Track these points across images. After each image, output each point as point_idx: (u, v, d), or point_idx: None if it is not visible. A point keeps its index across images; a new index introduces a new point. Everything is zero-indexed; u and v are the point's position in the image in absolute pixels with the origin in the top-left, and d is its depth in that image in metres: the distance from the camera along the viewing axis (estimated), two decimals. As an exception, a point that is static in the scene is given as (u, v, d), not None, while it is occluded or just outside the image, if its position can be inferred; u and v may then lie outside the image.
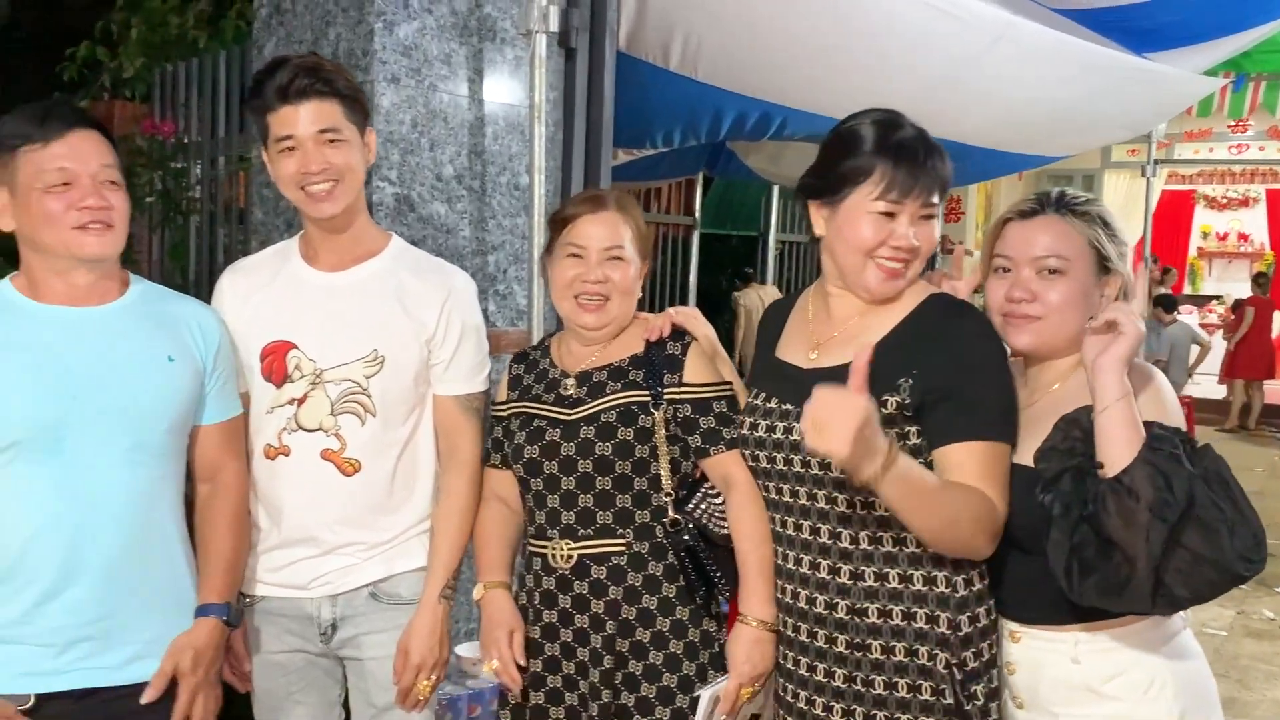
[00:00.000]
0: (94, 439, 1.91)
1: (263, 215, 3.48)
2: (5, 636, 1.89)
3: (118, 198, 1.97)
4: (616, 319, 2.16)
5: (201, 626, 2.03)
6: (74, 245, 1.93)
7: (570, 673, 2.10)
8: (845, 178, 1.89)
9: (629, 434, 2.07)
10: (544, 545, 2.12)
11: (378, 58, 3.03)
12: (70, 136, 1.93)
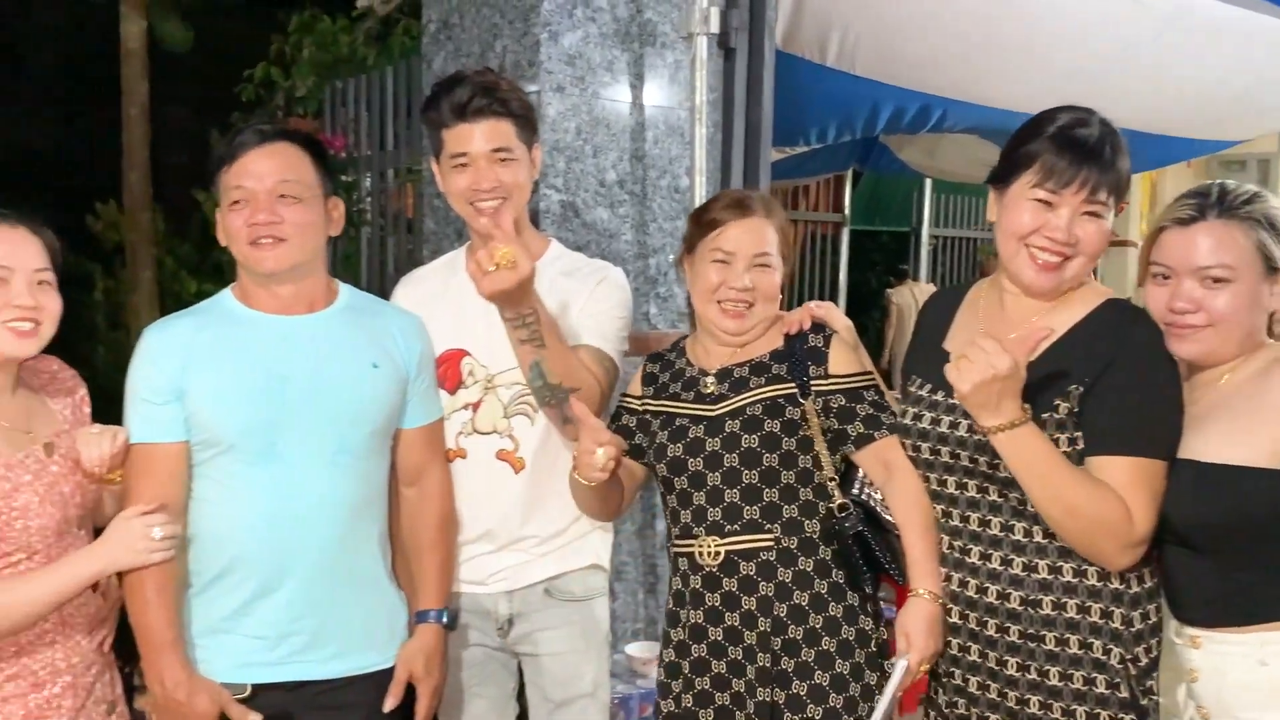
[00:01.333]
0: (303, 443, 2.00)
1: (434, 225, 3.60)
2: (223, 628, 2.01)
3: (293, 212, 2.00)
4: (759, 324, 2.16)
5: (426, 632, 2.11)
6: (251, 260, 2.03)
7: (722, 672, 2.09)
8: (1014, 163, 1.89)
9: (775, 426, 2.07)
10: (690, 544, 2.12)
11: (544, 68, 3.10)
12: (251, 155, 2.00)
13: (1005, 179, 1.90)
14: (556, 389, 2.04)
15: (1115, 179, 1.84)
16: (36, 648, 1.87)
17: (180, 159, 7.46)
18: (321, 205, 2.08)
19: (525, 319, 1.96)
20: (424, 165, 3.73)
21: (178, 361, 1.99)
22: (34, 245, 1.90)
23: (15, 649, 1.85)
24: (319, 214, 2.07)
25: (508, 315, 1.96)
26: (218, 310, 2.10)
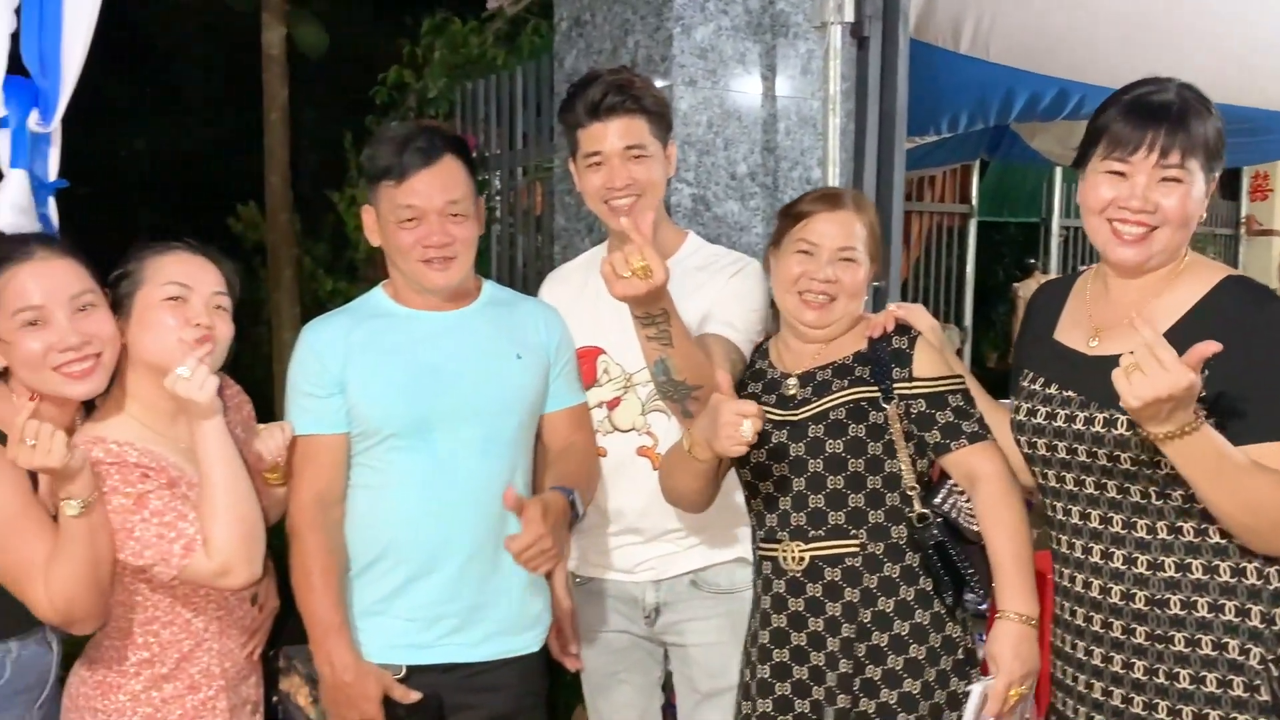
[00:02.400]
0: (455, 433, 2.07)
1: (564, 221, 3.65)
2: (378, 610, 2.08)
3: (462, 229, 2.08)
4: (840, 320, 2.12)
5: (552, 494, 2.05)
6: (421, 277, 2.10)
7: (804, 678, 2.06)
8: (1087, 141, 1.85)
9: (860, 430, 2.03)
10: (774, 548, 2.09)
11: (676, 62, 3.11)
12: (422, 175, 2.05)
13: (1082, 160, 1.87)
14: (680, 385, 2.05)
15: (1190, 141, 1.75)
16: (195, 655, 1.96)
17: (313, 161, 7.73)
18: (475, 213, 2.14)
19: (655, 319, 1.97)
20: (554, 163, 3.78)
21: (339, 356, 2.07)
22: (212, 271, 1.97)
23: (178, 655, 1.94)
24: (477, 224, 2.14)
25: (637, 313, 1.98)
26: (371, 307, 2.18)
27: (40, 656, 1.94)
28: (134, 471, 1.85)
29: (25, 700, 1.92)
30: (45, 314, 1.84)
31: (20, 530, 1.79)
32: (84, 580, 1.78)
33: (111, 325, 1.91)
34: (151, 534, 1.84)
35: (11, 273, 1.85)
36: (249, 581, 1.92)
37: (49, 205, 2.26)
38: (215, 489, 1.87)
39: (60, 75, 2.21)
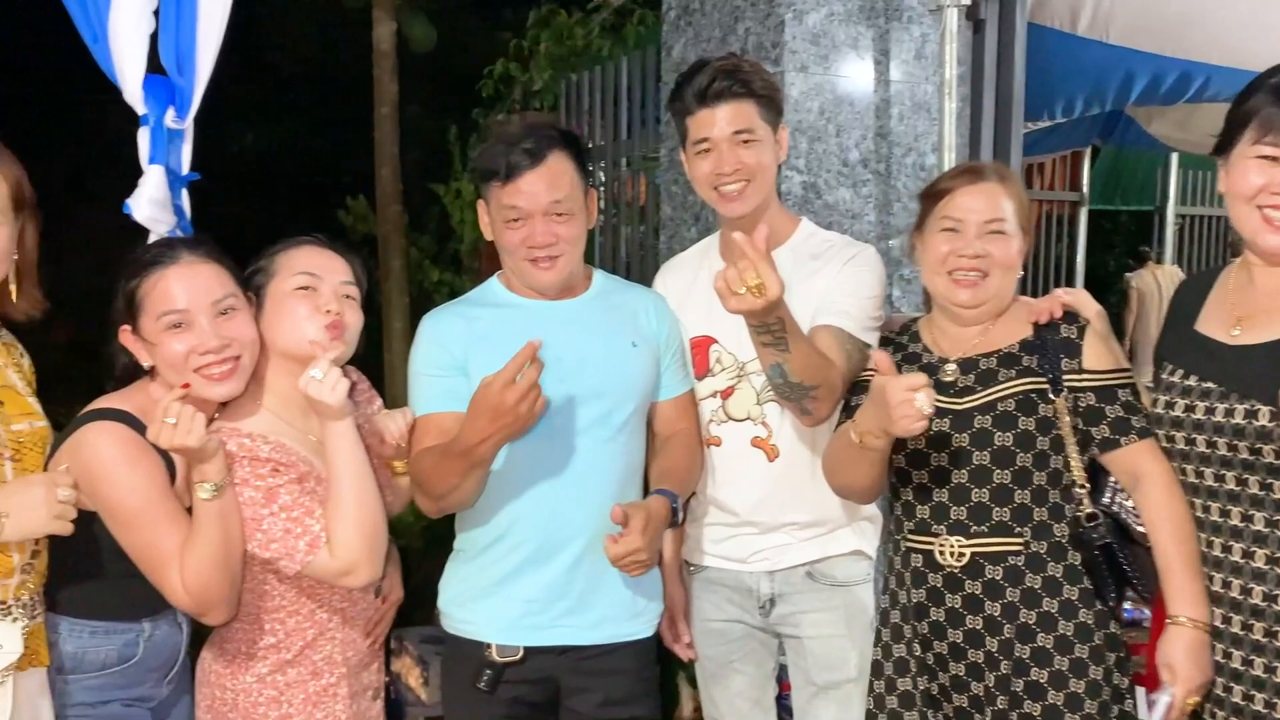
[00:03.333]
0: (574, 420, 2.10)
1: (670, 211, 3.65)
2: (496, 591, 2.12)
3: (566, 228, 2.10)
4: (995, 297, 2.04)
5: (655, 499, 2.08)
6: (527, 275, 2.13)
7: (960, 674, 2.02)
8: (1233, 125, 1.79)
9: (1030, 424, 1.97)
10: (928, 541, 2.04)
11: (788, 48, 3.08)
12: (527, 176, 2.07)
13: (1227, 145, 1.80)
14: (797, 386, 2.03)
15: None
16: (319, 643, 2.00)
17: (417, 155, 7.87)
18: (584, 208, 2.15)
19: (770, 327, 1.96)
20: (660, 153, 3.79)
21: (460, 342, 2.11)
22: (340, 263, 2.02)
23: (302, 643, 1.99)
24: (584, 219, 2.15)
25: (752, 323, 1.96)
26: (488, 297, 2.22)
27: (171, 636, 2.01)
28: (265, 465, 1.90)
29: (156, 676, 2.00)
30: (189, 317, 1.89)
31: (158, 518, 1.84)
32: (216, 565, 1.83)
33: (252, 329, 1.95)
34: (279, 528, 1.88)
35: (158, 276, 1.90)
36: (370, 581, 1.97)
37: (183, 198, 2.35)
38: (343, 490, 1.90)
39: (195, 74, 2.29)
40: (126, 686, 1.95)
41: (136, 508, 1.84)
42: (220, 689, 1.98)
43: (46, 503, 1.72)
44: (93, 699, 1.91)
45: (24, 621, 1.78)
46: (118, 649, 1.92)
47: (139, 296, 1.91)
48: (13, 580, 1.77)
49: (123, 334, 1.94)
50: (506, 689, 2.08)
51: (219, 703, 1.98)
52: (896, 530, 2.14)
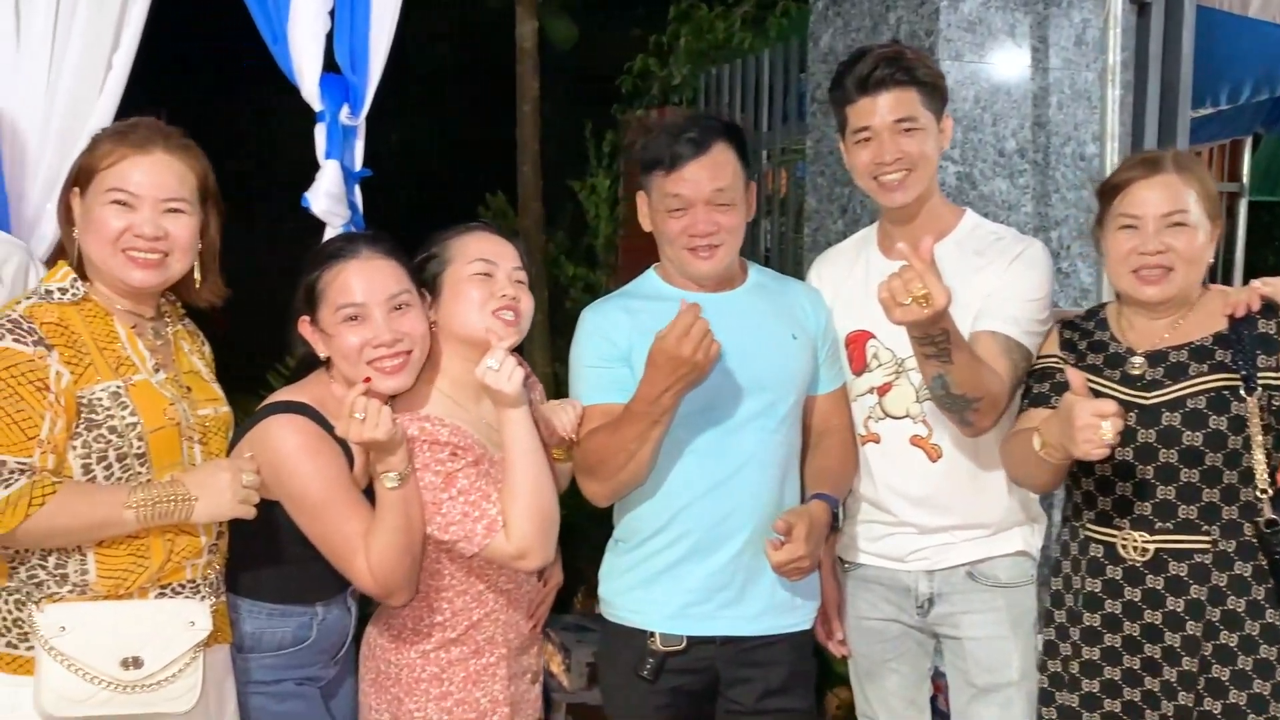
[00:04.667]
0: (737, 411, 2.10)
1: (816, 204, 3.62)
2: (659, 581, 2.13)
3: (727, 218, 2.11)
4: (1181, 291, 1.98)
5: (816, 505, 2.11)
6: (686, 264, 2.15)
7: (1135, 668, 1.97)
8: None
9: (1221, 423, 1.90)
10: (1110, 534, 2.00)
11: (942, 36, 3.03)
12: (691, 165, 2.09)
13: None
14: (959, 399, 1.99)
15: None
16: (483, 624, 2.05)
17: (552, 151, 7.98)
18: (744, 200, 2.16)
19: (934, 338, 1.92)
20: (806, 145, 3.76)
21: (624, 333, 2.13)
22: (510, 248, 2.07)
23: (467, 623, 2.03)
24: (744, 211, 2.16)
25: (915, 334, 1.94)
26: (646, 289, 2.24)
27: (341, 620, 2.09)
28: (444, 450, 1.94)
29: (326, 657, 2.08)
30: (365, 311, 1.94)
31: (341, 507, 1.90)
32: (400, 550, 1.88)
33: (423, 325, 1.99)
34: (457, 511, 1.93)
35: (339, 269, 1.97)
36: (543, 564, 2.02)
37: (355, 193, 2.44)
38: (519, 476, 1.94)
39: (367, 72, 2.38)
40: (300, 666, 2.03)
41: (320, 498, 1.90)
42: (385, 662, 2.04)
43: (232, 487, 1.79)
44: (269, 677, 2.00)
45: (211, 600, 1.87)
46: (293, 630, 2.01)
47: (319, 288, 1.98)
48: (200, 560, 1.86)
49: (301, 324, 2.01)
50: (668, 678, 2.09)
51: (383, 676, 2.04)
52: (1074, 517, 2.10)
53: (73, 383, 1.75)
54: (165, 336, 1.94)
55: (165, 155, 1.86)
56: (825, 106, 3.56)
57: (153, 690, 1.75)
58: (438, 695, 2.01)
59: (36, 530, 1.69)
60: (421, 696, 2.00)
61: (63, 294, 1.82)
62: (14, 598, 1.76)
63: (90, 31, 2.21)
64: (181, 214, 1.86)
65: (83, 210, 1.85)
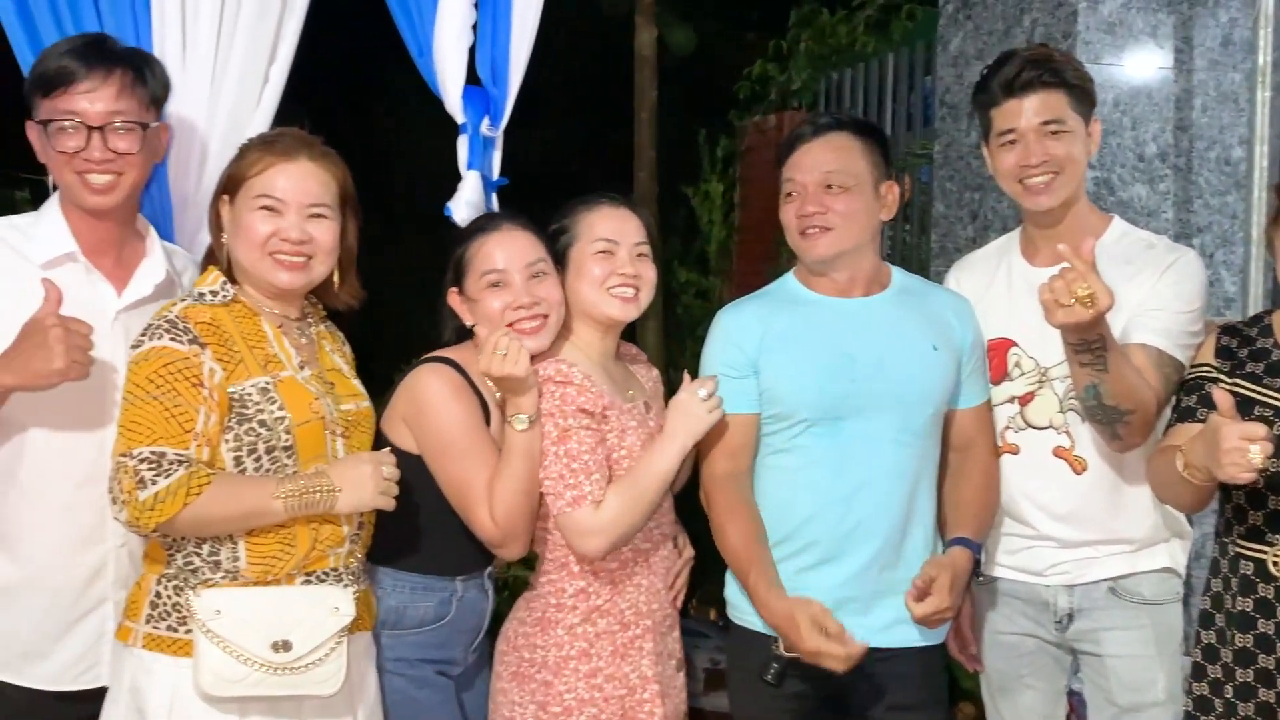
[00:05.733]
0: (869, 421, 2.07)
1: (944, 209, 3.57)
2: (789, 586, 2.09)
3: (840, 202, 2.07)
4: None
5: (958, 554, 2.08)
6: (800, 249, 2.14)
7: None
8: None
9: None
10: (1260, 550, 1.92)
11: (1080, 39, 2.96)
12: (801, 149, 2.10)
13: None
14: (1112, 410, 1.94)
15: None
16: (625, 589, 2.08)
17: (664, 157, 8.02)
18: (872, 191, 2.12)
19: (1091, 344, 1.88)
20: (934, 149, 3.71)
21: (754, 340, 2.12)
22: (635, 222, 2.15)
23: (610, 586, 2.07)
24: (867, 201, 2.12)
25: (1072, 340, 1.89)
26: (783, 293, 2.22)
27: (479, 601, 2.15)
28: (572, 403, 2.02)
29: (464, 641, 2.14)
30: (506, 277, 2.07)
31: (473, 450, 2.01)
32: (522, 496, 1.98)
33: (559, 292, 2.11)
34: (557, 469, 2.00)
35: (482, 240, 2.11)
36: (597, 554, 2.02)
37: (493, 201, 2.50)
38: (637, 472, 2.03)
39: (507, 84, 2.44)
40: (439, 646, 2.09)
41: (456, 437, 2.02)
42: (530, 649, 2.07)
43: (374, 479, 1.87)
44: (410, 655, 2.07)
45: (354, 588, 1.94)
46: (434, 607, 2.08)
47: (465, 259, 2.12)
48: (343, 549, 1.93)
49: (450, 295, 2.15)
50: (792, 683, 2.07)
51: (526, 664, 2.07)
52: (1224, 532, 2.02)
53: (225, 379, 1.83)
54: (309, 335, 2.02)
55: (309, 163, 1.95)
56: (954, 110, 3.52)
57: (301, 673, 1.82)
58: (587, 672, 2.04)
59: (193, 519, 1.77)
60: (571, 675, 2.04)
61: (214, 296, 1.91)
62: (172, 583, 1.85)
63: (249, 47, 2.30)
64: (324, 219, 1.95)
65: (231, 216, 1.94)
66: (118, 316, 2.00)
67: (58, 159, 1.95)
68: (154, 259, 2.07)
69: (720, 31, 8.31)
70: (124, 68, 1.97)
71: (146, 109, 1.99)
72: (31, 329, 1.81)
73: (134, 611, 1.86)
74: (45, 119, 1.95)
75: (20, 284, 1.92)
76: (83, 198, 1.96)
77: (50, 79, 1.94)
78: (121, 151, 1.95)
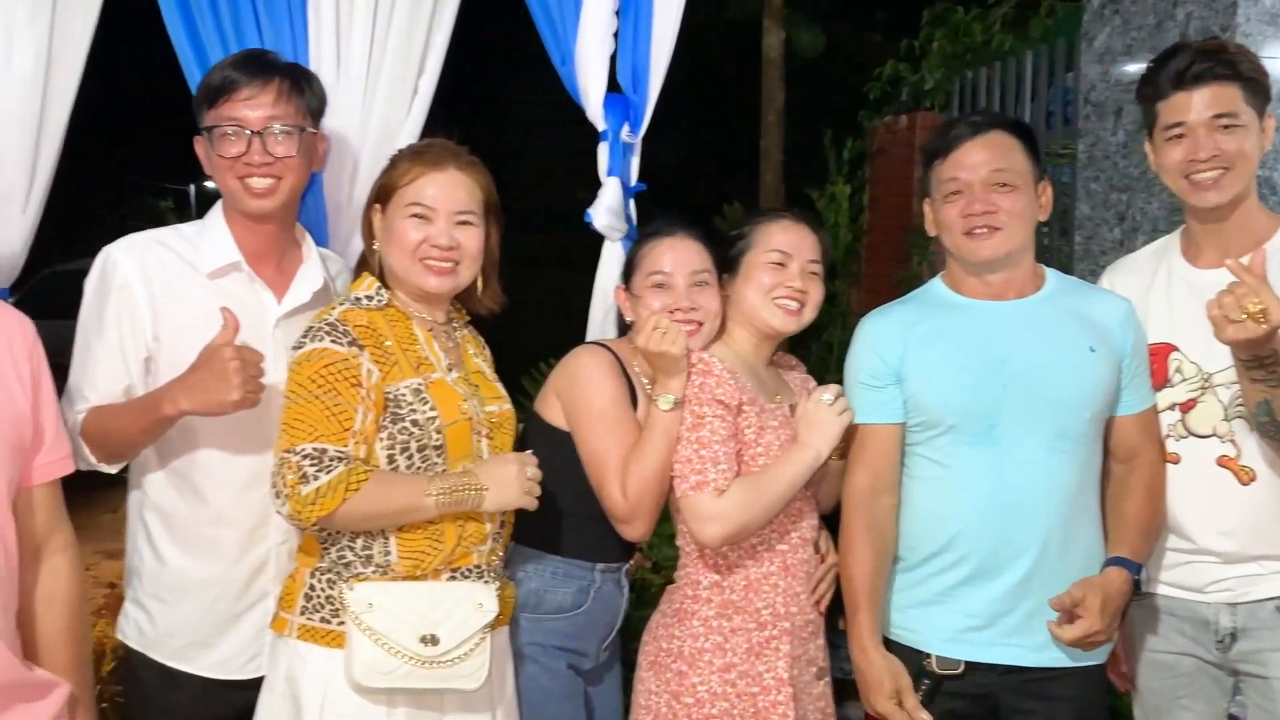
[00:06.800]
0: (1022, 428, 2.02)
1: (1089, 210, 3.46)
2: (940, 601, 2.07)
3: (1008, 200, 2.03)
4: None
5: (1114, 574, 2.01)
6: (965, 250, 2.08)
7: None
8: None
9: None
10: None
11: (1240, 31, 2.83)
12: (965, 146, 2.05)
13: None
14: None
15: None
16: (761, 588, 2.08)
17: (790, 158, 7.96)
18: (1033, 191, 2.08)
19: (1263, 360, 1.80)
20: (1079, 150, 3.59)
21: (896, 349, 2.09)
22: (811, 239, 2.19)
23: (745, 582, 2.07)
24: (1030, 200, 2.08)
25: (1243, 356, 1.82)
26: (930, 298, 2.18)
27: (614, 596, 2.18)
28: (709, 393, 2.05)
29: (597, 635, 2.17)
30: (670, 280, 2.15)
31: (616, 424, 2.08)
32: (656, 475, 2.03)
33: (718, 303, 2.17)
34: (686, 453, 2.04)
35: (654, 244, 2.20)
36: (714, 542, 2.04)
37: (630, 207, 2.52)
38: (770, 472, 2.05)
39: (647, 91, 2.46)
40: (574, 636, 2.13)
41: (604, 408, 2.10)
42: (667, 639, 2.09)
43: (519, 479, 1.92)
44: (546, 640, 2.11)
45: (496, 584, 1.98)
46: (572, 594, 2.12)
47: (636, 259, 2.22)
48: (486, 547, 1.97)
49: (617, 291, 2.27)
50: (944, 701, 2.03)
51: (663, 654, 2.09)
52: None
53: (381, 379, 1.90)
54: (455, 339, 2.08)
55: (457, 172, 2.01)
56: (1099, 108, 3.41)
57: (447, 667, 1.86)
58: (720, 667, 2.05)
59: (350, 513, 1.83)
60: (705, 668, 2.05)
61: (369, 300, 1.98)
62: (326, 576, 1.91)
63: (400, 59, 2.37)
64: (470, 226, 2.01)
65: (383, 224, 2.02)
66: (278, 323, 2.08)
67: (221, 165, 2.05)
68: (311, 265, 2.15)
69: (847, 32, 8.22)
70: (282, 77, 2.06)
71: (304, 116, 2.08)
72: (209, 357, 1.89)
73: (289, 603, 1.94)
74: (210, 125, 2.04)
75: (190, 291, 2.04)
76: (245, 202, 2.05)
77: (215, 89, 2.04)
78: (280, 155, 2.03)
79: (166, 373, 1.98)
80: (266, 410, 1.97)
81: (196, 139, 2.09)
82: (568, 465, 2.10)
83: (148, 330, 2.02)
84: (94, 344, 2.03)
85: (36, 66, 2.16)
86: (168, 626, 2.07)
